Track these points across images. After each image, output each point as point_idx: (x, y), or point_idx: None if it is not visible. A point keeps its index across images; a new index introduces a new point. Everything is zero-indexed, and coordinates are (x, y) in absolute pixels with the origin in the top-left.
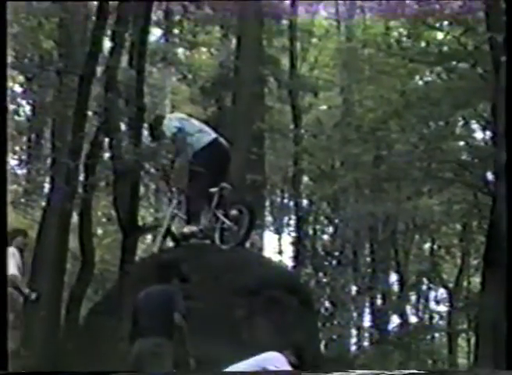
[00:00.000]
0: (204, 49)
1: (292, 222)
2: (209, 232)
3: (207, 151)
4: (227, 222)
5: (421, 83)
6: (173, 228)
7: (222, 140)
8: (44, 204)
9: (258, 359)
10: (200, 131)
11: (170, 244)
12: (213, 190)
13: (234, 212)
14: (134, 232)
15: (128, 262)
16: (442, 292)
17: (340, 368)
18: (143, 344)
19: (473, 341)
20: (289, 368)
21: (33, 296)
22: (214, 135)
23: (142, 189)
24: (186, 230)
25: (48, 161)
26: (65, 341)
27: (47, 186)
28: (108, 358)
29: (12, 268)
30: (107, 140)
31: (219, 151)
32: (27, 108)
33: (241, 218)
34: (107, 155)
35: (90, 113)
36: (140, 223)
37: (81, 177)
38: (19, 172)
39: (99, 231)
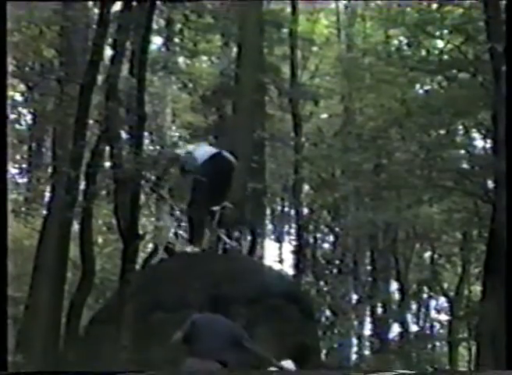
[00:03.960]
0: (204, 58)
1: (292, 230)
2: None
3: (211, 163)
4: (229, 242)
5: (421, 91)
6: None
7: (226, 153)
8: (44, 212)
9: None
10: (205, 151)
11: None
12: (215, 208)
13: (236, 232)
14: (135, 241)
15: (128, 271)
16: (442, 301)
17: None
18: (204, 365)
19: (474, 349)
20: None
21: None
22: (217, 150)
23: (143, 198)
24: (189, 250)
25: (49, 169)
26: (66, 350)
27: (47, 194)
28: (108, 367)
29: None
30: (108, 148)
31: (223, 163)
32: (28, 117)
33: (243, 238)
34: (108, 163)
35: (90, 122)
36: (141, 231)
37: (82, 186)
38: (20, 180)
39: (99, 240)
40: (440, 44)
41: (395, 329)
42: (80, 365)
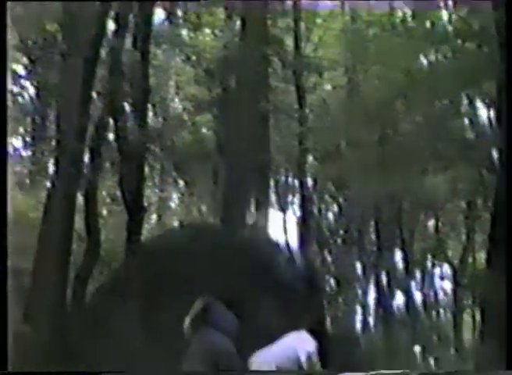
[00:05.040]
0: (208, 31)
1: (297, 201)
2: None
3: None
4: None
5: (425, 62)
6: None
7: None
8: (48, 185)
9: (289, 344)
10: None
11: (176, 223)
12: None
13: None
14: (139, 212)
15: (134, 242)
16: (446, 269)
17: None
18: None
19: (478, 316)
20: (314, 347)
21: None
22: None
23: (147, 169)
24: None
25: (53, 142)
26: (72, 321)
27: (51, 167)
28: (114, 336)
29: None
30: (112, 121)
31: None
32: (31, 91)
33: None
34: (112, 136)
35: (94, 95)
36: (146, 203)
37: (86, 158)
38: (24, 154)
39: (104, 212)
40: (445, 15)
41: (399, 297)
42: (87, 335)
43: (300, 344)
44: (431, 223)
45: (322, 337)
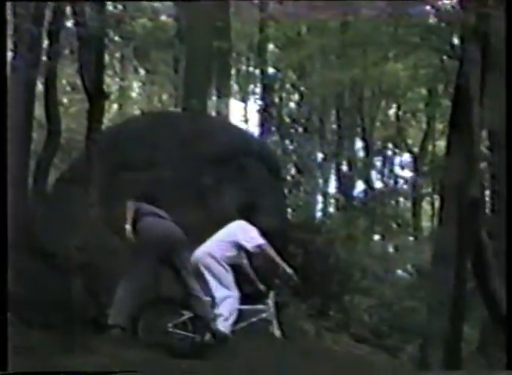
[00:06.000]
0: None
1: (258, 90)
2: None
3: None
4: None
5: None
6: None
7: None
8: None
9: (228, 234)
10: None
11: (136, 112)
12: None
13: None
14: (100, 100)
15: (94, 130)
16: (407, 157)
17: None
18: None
19: (437, 204)
20: (257, 234)
21: None
22: None
23: (107, 57)
24: None
25: (10, 27)
26: (34, 209)
27: (9, 54)
28: (76, 223)
29: None
30: (69, 7)
31: None
32: None
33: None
34: (70, 22)
35: None
36: (106, 91)
37: (45, 45)
38: None
39: (65, 100)
40: None
41: (360, 186)
42: (48, 222)
43: (239, 232)
44: (392, 110)
45: (255, 224)
